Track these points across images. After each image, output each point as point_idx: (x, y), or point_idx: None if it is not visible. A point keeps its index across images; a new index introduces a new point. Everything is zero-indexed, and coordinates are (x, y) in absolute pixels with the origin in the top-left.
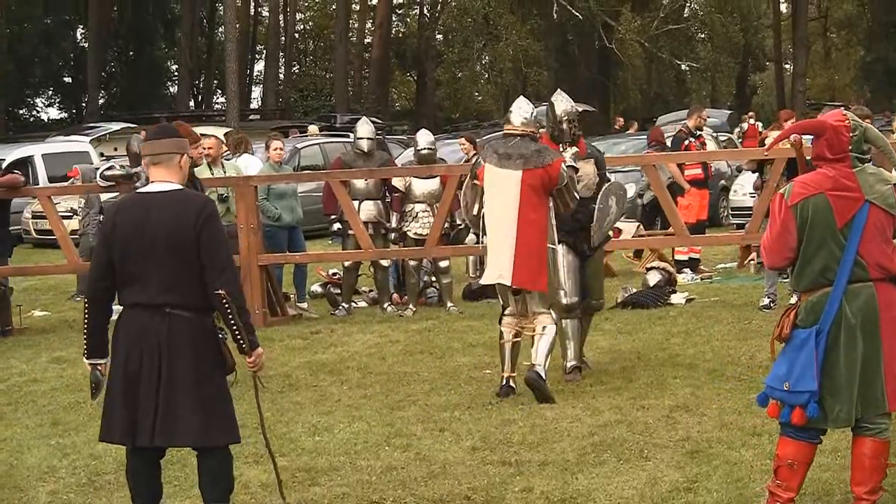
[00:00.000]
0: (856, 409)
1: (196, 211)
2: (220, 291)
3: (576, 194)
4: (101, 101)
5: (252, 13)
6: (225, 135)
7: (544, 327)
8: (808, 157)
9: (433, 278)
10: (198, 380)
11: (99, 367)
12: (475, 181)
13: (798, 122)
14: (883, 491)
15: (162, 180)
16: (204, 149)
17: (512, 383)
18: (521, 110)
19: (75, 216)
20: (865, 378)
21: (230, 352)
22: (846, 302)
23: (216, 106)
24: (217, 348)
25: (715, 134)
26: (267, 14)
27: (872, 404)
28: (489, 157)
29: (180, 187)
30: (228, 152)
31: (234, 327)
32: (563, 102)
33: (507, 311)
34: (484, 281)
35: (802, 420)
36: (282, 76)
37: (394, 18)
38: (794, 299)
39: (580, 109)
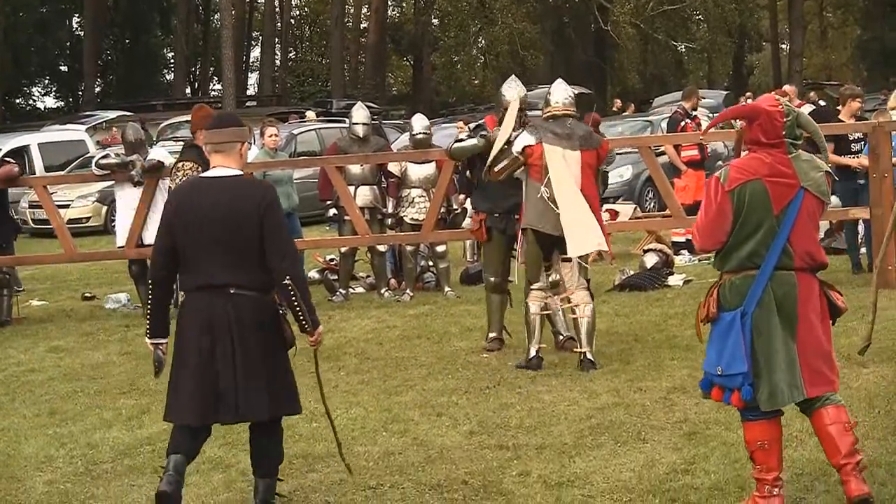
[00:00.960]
0: (783, 395)
1: (259, 197)
2: (286, 280)
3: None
4: (97, 90)
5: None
6: None
7: (585, 308)
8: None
9: (430, 263)
10: (265, 355)
11: (161, 347)
12: (521, 155)
13: (732, 107)
14: (860, 454)
15: (222, 166)
16: None
17: (541, 354)
18: (565, 92)
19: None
20: (788, 366)
21: (290, 326)
22: (770, 287)
23: (213, 93)
24: (279, 324)
25: (712, 115)
26: (262, 0)
27: (797, 393)
28: (546, 137)
29: (241, 173)
30: None
31: (298, 309)
32: (514, 90)
33: (535, 286)
34: (583, 251)
35: (741, 403)
36: (278, 62)
37: (389, 3)
38: None
39: (575, 92)
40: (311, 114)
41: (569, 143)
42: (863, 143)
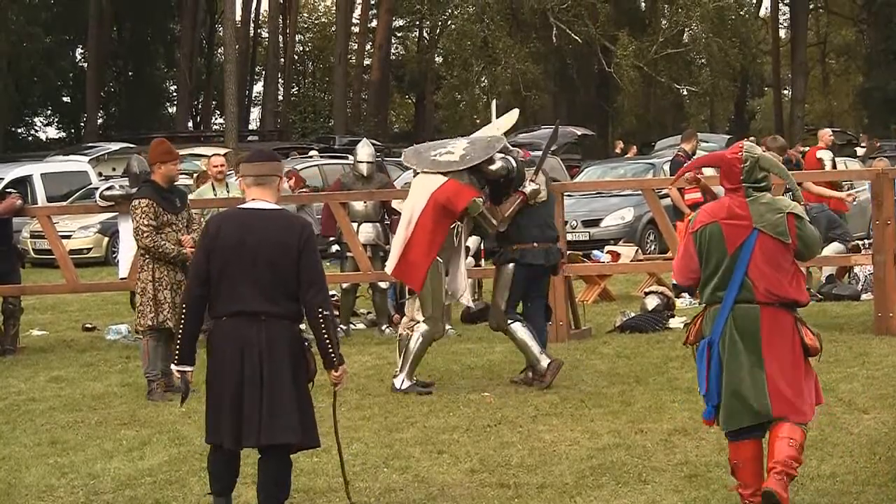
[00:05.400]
0: (739, 416)
1: (299, 231)
2: (320, 310)
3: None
4: (100, 121)
5: (251, 34)
6: (224, 156)
7: (414, 334)
8: None
9: None
10: (294, 382)
11: (187, 374)
12: None
13: (701, 157)
14: (793, 470)
15: (261, 199)
16: (214, 167)
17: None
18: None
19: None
20: (751, 389)
21: (314, 359)
22: (732, 319)
23: (215, 127)
24: (305, 354)
25: None
26: (266, 35)
27: (762, 414)
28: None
29: (280, 207)
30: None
31: (328, 342)
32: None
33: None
34: (388, 270)
35: (707, 422)
36: (280, 97)
37: (393, 41)
38: None
39: (579, 133)
40: (314, 152)
41: (437, 168)
42: None
